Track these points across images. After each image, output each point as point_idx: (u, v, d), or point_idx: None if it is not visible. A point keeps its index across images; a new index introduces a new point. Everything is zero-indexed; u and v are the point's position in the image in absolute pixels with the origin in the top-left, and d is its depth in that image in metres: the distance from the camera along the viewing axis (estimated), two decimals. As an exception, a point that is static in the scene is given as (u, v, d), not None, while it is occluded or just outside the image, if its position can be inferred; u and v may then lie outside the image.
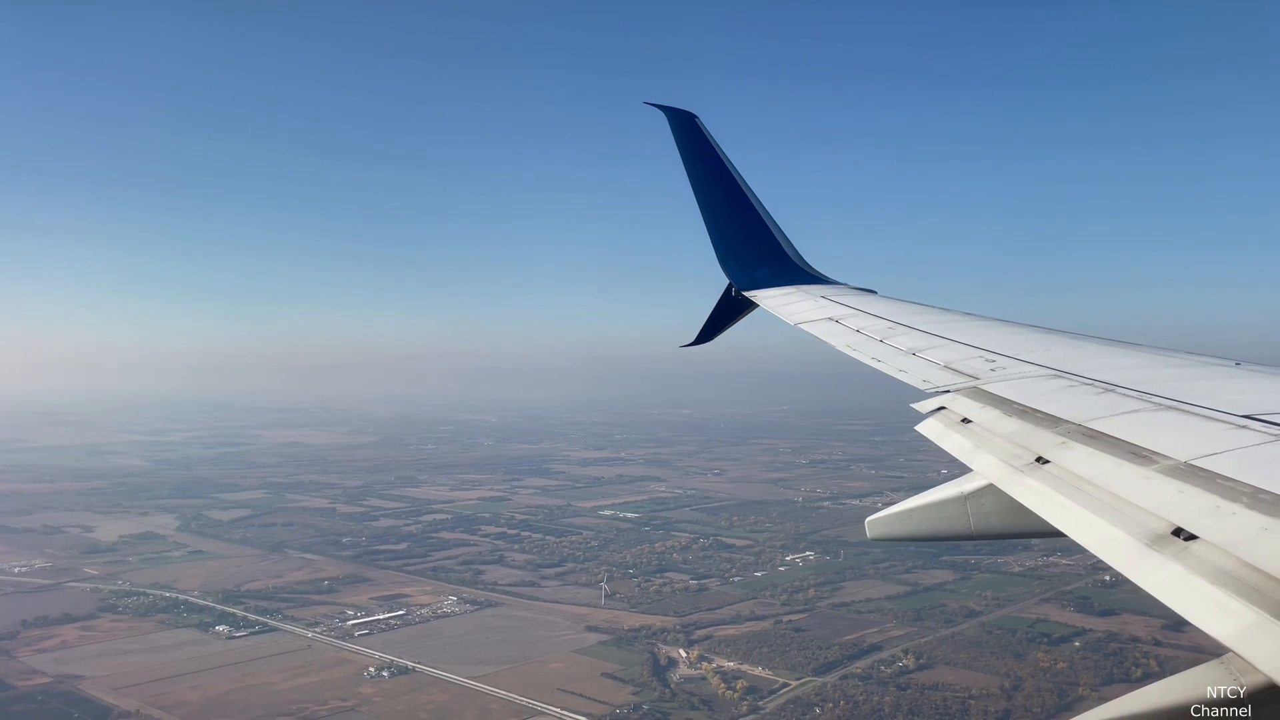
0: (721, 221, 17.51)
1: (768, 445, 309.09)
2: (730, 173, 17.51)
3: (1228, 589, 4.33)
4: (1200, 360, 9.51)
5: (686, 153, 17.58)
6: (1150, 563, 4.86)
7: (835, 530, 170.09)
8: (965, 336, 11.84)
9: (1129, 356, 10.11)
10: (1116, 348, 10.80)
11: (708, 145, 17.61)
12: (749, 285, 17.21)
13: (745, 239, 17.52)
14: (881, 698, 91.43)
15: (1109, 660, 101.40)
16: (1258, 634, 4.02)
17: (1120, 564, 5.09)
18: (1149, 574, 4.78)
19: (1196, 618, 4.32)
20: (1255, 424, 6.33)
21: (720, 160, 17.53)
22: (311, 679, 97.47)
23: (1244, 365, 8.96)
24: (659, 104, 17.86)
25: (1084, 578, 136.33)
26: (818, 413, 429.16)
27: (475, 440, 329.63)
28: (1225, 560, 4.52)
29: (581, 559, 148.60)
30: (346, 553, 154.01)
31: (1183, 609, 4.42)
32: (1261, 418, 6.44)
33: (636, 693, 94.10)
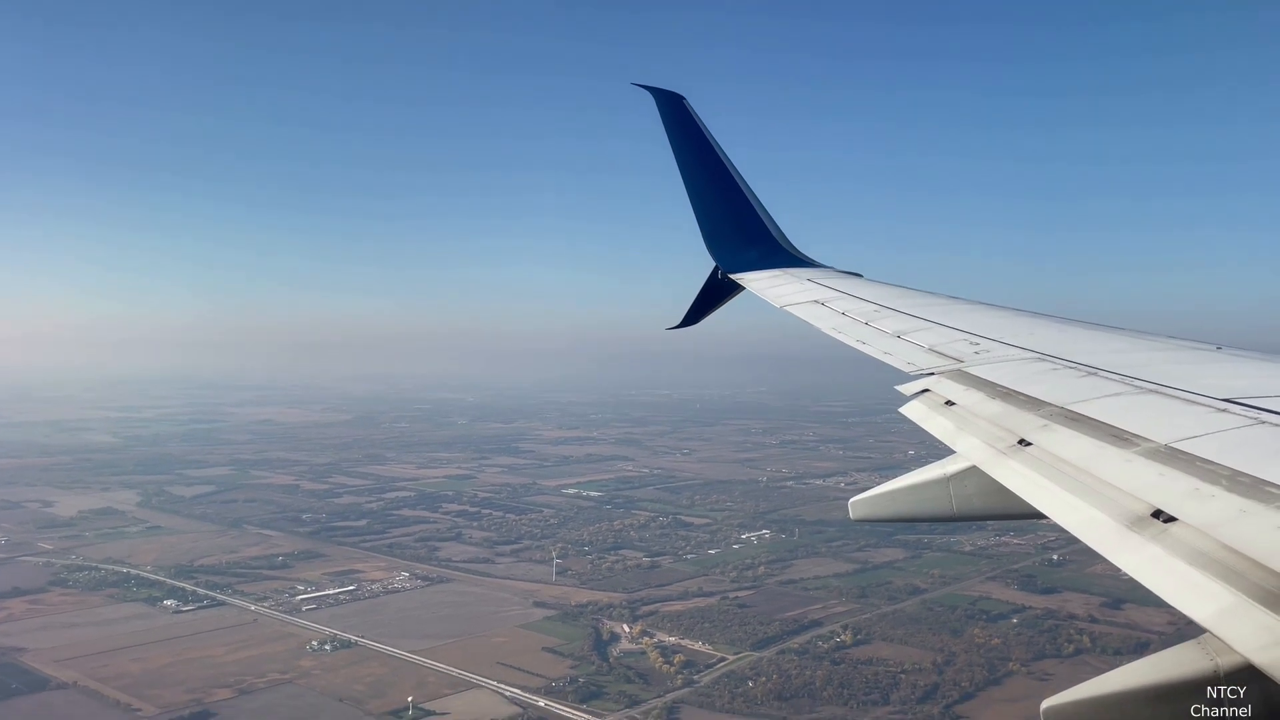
0: (708, 204, 17.47)
1: (741, 426, 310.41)
2: (718, 155, 17.46)
3: (1206, 571, 4.37)
4: (1182, 344, 9.60)
5: (674, 134, 17.45)
6: (1130, 544, 4.89)
7: (794, 509, 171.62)
8: (950, 320, 11.94)
9: (1112, 340, 10.25)
10: (1100, 331, 10.96)
11: (695, 127, 17.49)
12: (735, 268, 17.20)
13: (732, 222, 17.49)
14: (814, 672, 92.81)
15: (1043, 637, 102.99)
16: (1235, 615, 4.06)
17: (1100, 545, 5.12)
18: (1128, 555, 4.82)
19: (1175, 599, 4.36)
20: (1235, 407, 6.36)
21: (708, 142, 17.47)
22: (253, 652, 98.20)
23: (1225, 349, 9.02)
24: (646, 85, 17.65)
25: (1032, 557, 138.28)
26: (796, 394, 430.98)
27: (449, 419, 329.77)
28: (1204, 542, 4.55)
29: (539, 536, 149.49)
30: (305, 529, 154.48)
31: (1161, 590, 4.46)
32: (1241, 401, 6.47)
33: (575, 666, 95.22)
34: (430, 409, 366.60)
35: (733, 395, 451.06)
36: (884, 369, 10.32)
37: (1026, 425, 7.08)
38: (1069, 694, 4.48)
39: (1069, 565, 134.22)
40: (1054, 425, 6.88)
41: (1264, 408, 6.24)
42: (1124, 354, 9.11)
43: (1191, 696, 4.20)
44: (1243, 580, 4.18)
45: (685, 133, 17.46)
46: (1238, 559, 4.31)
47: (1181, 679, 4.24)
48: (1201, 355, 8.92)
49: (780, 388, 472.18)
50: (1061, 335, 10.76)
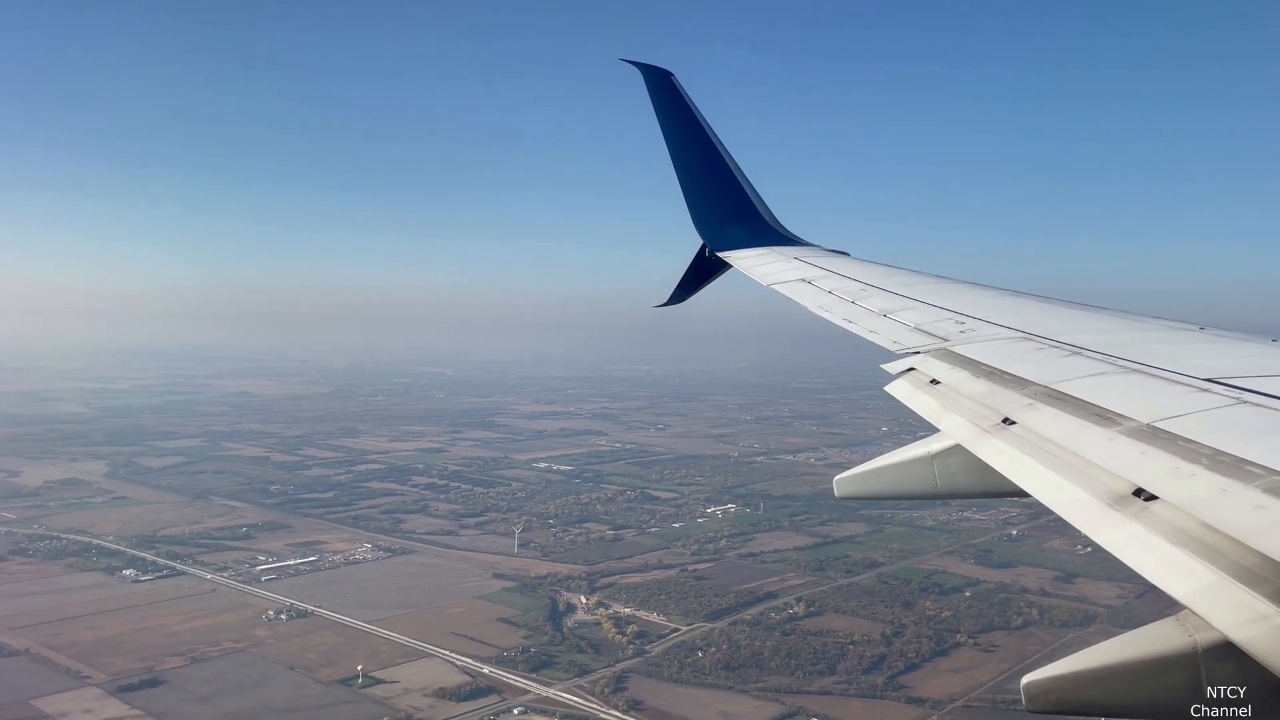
0: (696, 182, 17.34)
1: (718, 402, 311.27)
2: (706, 132, 17.30)
3: (1186, 549, 4.42)
4: (1165, 324, 9.68)
5: (662, 111, 17.27)
6: (1111, 522, 4.94)
7: (762, 484, 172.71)
8: (936, 299, 11.94)
9: (1096, 320, 10.30)
10: (1084, 311, 11.03)
11: (683, 104, 17.30)
12: (723, 246, 17.11)
13: (719, 200, 17.37)
14: (764, 643, 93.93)
15: (993, 610, 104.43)
16: (1214, 593, 4.12)
17: (1082, 523, 5.14)
18: (1110, 533, 4.86)
19: (1155, 576, 4.41)
20: (1217, 387, 6.39)
21: (695, 119, 17.29)
22: (208, 621, 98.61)
23: (1208, 330, 9.07)
24: (635, 61, 17.42)
25: (992, 532, 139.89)
26: (777, 372, 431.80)
27: (427, 393, 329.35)
28: (1184, 520, 4.60)
29: (505, 509, 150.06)
30: (271, 500, 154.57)
31: (1141, 568, 4.50)
32: (1223, 381, 6.49)
33: (528, 637, 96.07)
34: (409, 382, 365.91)
35: (714, 372, 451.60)
36: (870, 347, 10.38)
37: (1011, 404, 7.14)
38: (1048, 670, 4.51)
39: (1027, 540, 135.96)
40: (1038, 404, 6.92)
41: (1245, 387, 6.26)
42: (1108, 333, 9.19)
43: (1170, 673, 4.23)
44: (1222, 558, 4.25)
45: (673, 110, 17.30)
46: (1217, 537, 4.35)
47: (1160, 655, 4.26)
48: (1184, 335, 8.97)
49: (763, 365, 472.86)
50: (1046, 315, 10.85)
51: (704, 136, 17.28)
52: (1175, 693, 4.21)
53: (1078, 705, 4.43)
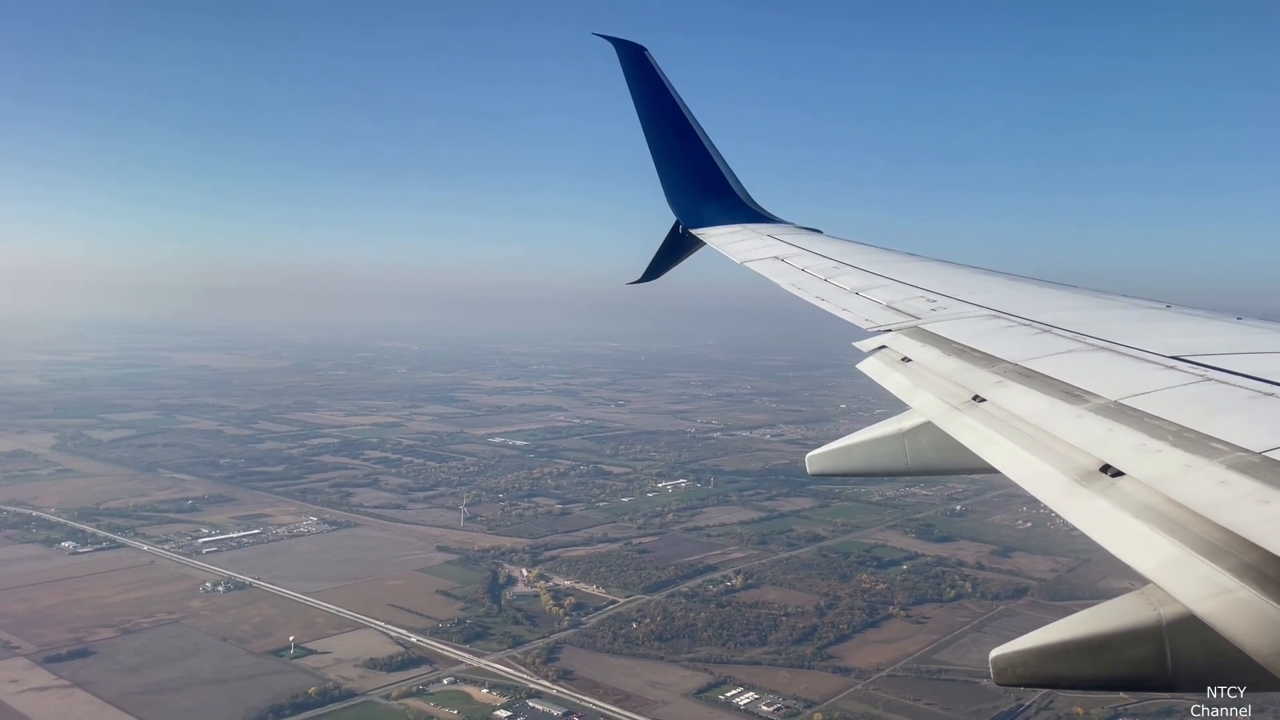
0: (669, 158, 17.20)
1: (681, 379, 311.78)
2: (679, 108, 17.07)
3: (1151, 524, 4.47)
4: (1133, 303, 9.78)
5: (635, 87, 17.04)
6: (1079, 498, 5.00)
7: (716, 460, 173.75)
8: (908, 277, 12.03)
9: (1065, 298, 10.42)
10: (1054, 289, 11.15)
11: (657, 79, 17.05)
12: (696, 223, 17.06)
13: (693, 176, 17.26)
14: (698, 614, 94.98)
15: (928, 582, 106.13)
16: (1178, 567, 4.18)
17: (1050, 499, 5.19)
18: (1077, 509, 4.90)
19: (1121, 551, 4.44)
20: (1182, 364, 6.47)
21: (669, 95, 17.05)
22: (144, 593, 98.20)
23: (1174, 308, 9.19)
24: (608, 35, 17.24)
25: (936, 507, 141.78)
26: (745, 349, 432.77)
27: (390, 368, 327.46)
28: (1150, 496, 4.65)
29: (455, 484, 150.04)
30: (220, 474, 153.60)
31: (1108, 543, 4.53)
32: (1188, 358, 6.58)
33: (465, 608, 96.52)
34: (371, 357, 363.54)
35: (681, 349, 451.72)
36: (843, 325, 10.45)
37: (981, 382, 7.19)
38: (1015, 644, 4.58)
39: (970, 515, 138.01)
40: (1007, 382, 7.00)
41: (1210, 365, 6.34)
42: (1076, 311, 9.32)
43: (1134, 646, 4.29)
44: (1186, 533, 4.30)
45: (647, 85, 17.06)
46: (1182, 512, 4.40)
47: (1125, 629, 4.33)
48: (1151, 313, 9.09)
49: (731, 342, 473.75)
50: (1016, 293, 10.95)
51: (678, 112, 17.11)
52: (1139, 666, 4.29)
53: (1044, 678, 4.52)
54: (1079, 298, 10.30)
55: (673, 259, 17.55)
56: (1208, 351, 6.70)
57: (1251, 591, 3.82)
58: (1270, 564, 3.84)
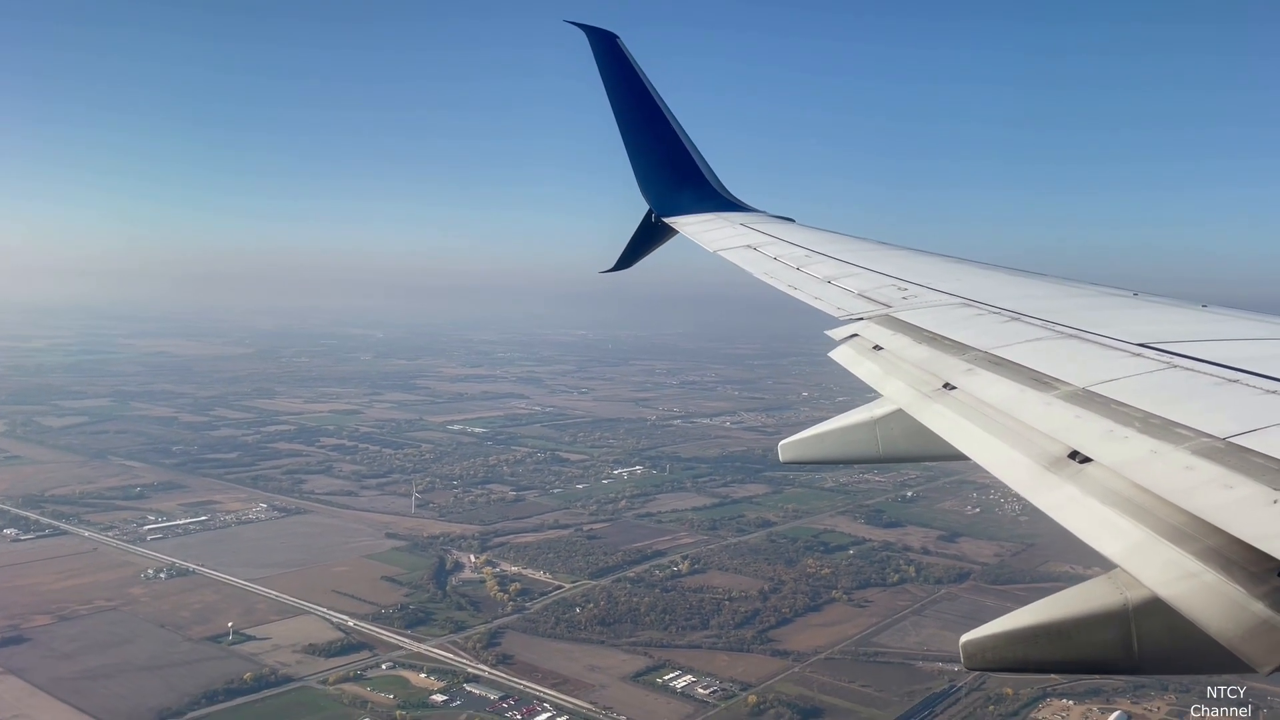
0: (642, 146, 17.10)
1: (646, 367, 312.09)
2: (651, 96, 16.96)
3: (1118, 509, 4.52)
4: (1101, 290, 9.88)
5: (607, 75, 16.91)
6: (1047, 484, 5.04)
7: (674, 447, 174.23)
8: (879, 265, 12.05)
9: (1035, 286, 10.48)
10: (1023, 277, 11.20)
11: (629, 67, 16.92)
12: (669, 211, 16.95)
13: (665, 164, 17.19)
14: (642, 599, 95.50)
15: (873, 567, 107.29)
16: (1143, 551, 4.22)
17: (1019, 486, 5.22)
18: (1045, 495, 4.95)
19: (1088, 536, 4.47)
20: (1149, 352, 6.54)
21: (642, 83, 16.93)
22: (84, 580, 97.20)
23: (1141, 295, 9.27)
24: (579, 22, 17.02)
25: (888, 493, 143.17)
26: (713, 337, 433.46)
27: (353, 355, 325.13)
28: (1117, 482, 4.69)
29: (410, 470, 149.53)
30: (171, 460, 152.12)
31: (1075, 528, 4.57)
32: (1155, 346, 6.64)
33: (409, 594, 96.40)
34: (336, 344, 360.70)
35: (649, 337, 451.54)
36: (815, 313, 10.48)
37: (951, 369, 7.24)
38: (985, 629, 4.61)
39: (920, 501, 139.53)
40: (978, 369, 7.05)
41: (1176, 352, 6.41)
42: (1045, 300, 9.40)
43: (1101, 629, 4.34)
44: (1152, 518, 4.35)
45: (618, 73, 16.94)
46: (1148, 498, 4.45)
47: (1092, 613, 4.36)
48: (1119, 301, 9.20)
49: (700, 331, 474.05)
50: (986, 281, 11.03)
51: (650, 100, 17.03)
52: (1106, 649, 4.34)
53: (1013, 662, 4.57)
54: (1048, 286, 10.43)
55: (645, 247, 17.54)
56: (1174, 339, 6.78)
57: (1216, 575, 3.85)
58: (1234, 548, 3.87)
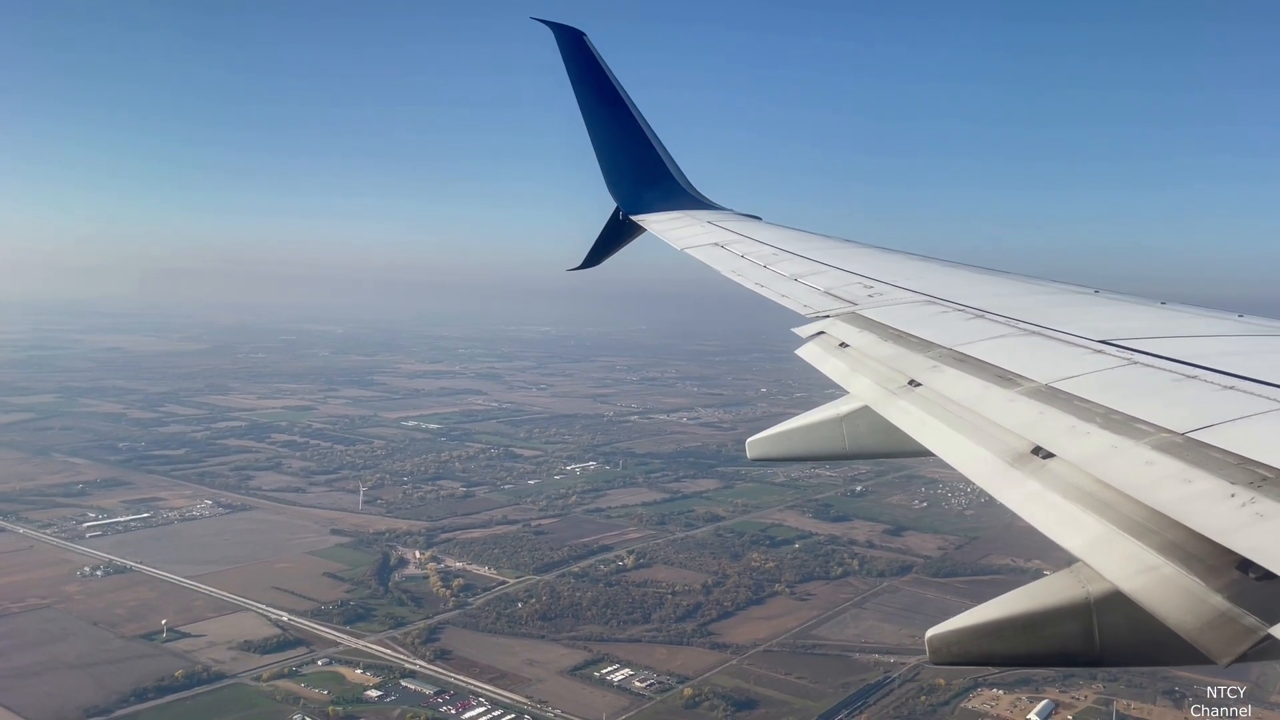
0: (609, 144, 17.11)
1: (607, 363, 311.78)
2: (619, 94, 16.98)
3: (1080, 503, 4.55)
4: (1063, 288, 9.96)
5: (574, 72, 16.86)
6: (1011, 479, 5.07)
7: (629, 442, 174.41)
8: (845, 263, 12.07)
9: (998, 284, 10.55)
10: (987, 275, 11.25)
11: (596, 65, 16.90)
12: (636, 209, 16.95)
13: (632, 162, 17.22)
14: (585, 593, 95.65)
15: (817, 561, 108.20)
16: (1105, 545, 4.23)
17: (984, 481, 5.25)
18: (1009, 490, 4.98)
19: (1051, 530, 4.48)
20: (1110, 348, 6.60)
21: (609, 81, 16.95)
22: (18, 578, 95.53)
23: (1102, 293, 9.36)
24: (546, 20, 16.94)
25: (838, 488, 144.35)
26: (676, 334, 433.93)
27: (311, 350, 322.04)
28: (1079, 477, 4.72)
29: (360, 467, 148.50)
30: (116, 457, 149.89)
31: (1038, 523, 4.58)
32: (1116, 342, 6.71)
33: (350, 591, 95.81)
34: (294, 340, 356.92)
35: (613, 333, 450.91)
36: (782, 311, 10.53)
37: (917, 366, 7.27)
38: (951, 623, 4.68)
39: (869, 496, 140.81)
40: (943, 366, 7.07)
41: (1136, 348, 6.49)
42: (1009, 297, 9.47)
43: (1064, 622, 4.42)
44: (1113, 512, 4.38)
45: (586, 70, 16.91)
46: (1109, 492, 4.48)
47: (1055, 606, 4.45)
48: (1080, 298, 9.28)
49: (665, 328, 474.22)
50: (951, 279, 11.12)
51: (617, 98, 17.04)
52: (1069, 641, 4.43)
53: (977, 656, 4.67)
54: (1011, 283, 10.54)
55: (613, 245, 17.57)
56: (1134, 336, 6.87)
57: (1175, 568, 3.90)
58: (1193, 542, 3.92)
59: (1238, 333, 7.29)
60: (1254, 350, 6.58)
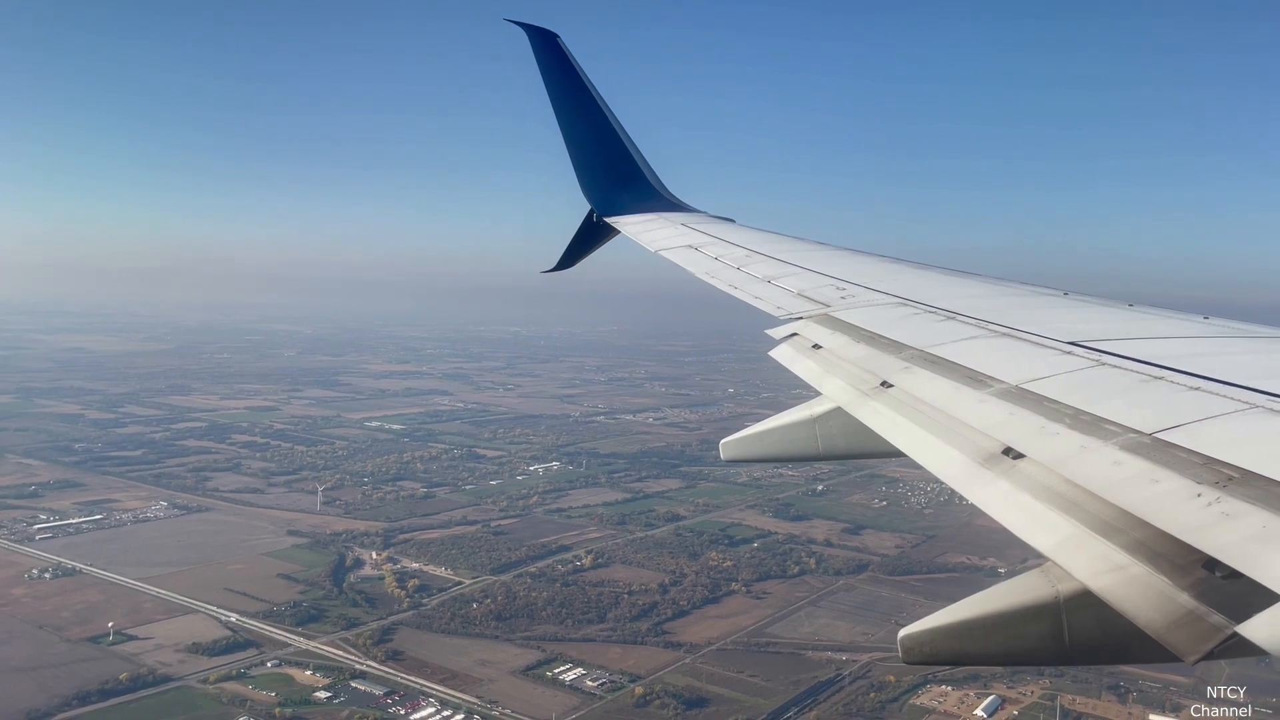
0: (583, 146, 17.07)
1: (576, 363, 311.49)
2: (592, 96, 16.96)
3: (1050, 504, 4.54)
4: (1033, 290, 10.00)
5: (548, 74, 16.85)
6: (981, 480, 5.07)
7: (594, 443, 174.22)
8: (818, 265, 12.09)
9: (969, 286, 10.57)
10: (958, 277, 11.28)
11: (570, 67, 16.90)
12: (610, 211, 16.95)
13: (607, 164, 17.22)
14: (540, 593, 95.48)
15: (775, 559, 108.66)
16: (1074, 545, 4.21)
17: (955, 482, 5.24)
18: (980, 490, 4.97)
19: (1021, 530, 4.47)
20: (1079, 350, 6.63)
21: (582, 83, 16.92)
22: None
23: (1071, 295, 9.39)
24: (519, 21, 16.90)
25: (799, 488, 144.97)
26: (648, 334, 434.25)
27: (278, 350, 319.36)
28: (1048, 477, 4.73)
29: (320, 468, 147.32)
30: (72, 458, 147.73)
31: (1009, 523, 4.57)
32: (1085, 344, 6.73)
33: (304, 592, 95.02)
34: (261, 340, 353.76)
35: (584, 334, 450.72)
36: (755, 313, 10.55)
37: (888, 368, 7.29)
38: (922, 623, 4.65)
39: (830, 495, 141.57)
40: (914, 367, 7.10)
41: (1104, 350, 6.53)
42: (979, 299, 9.50)
43: (1034, 621, 4.40)
44: (1082, 512, 4.38)
45: (559, 72, 16.90)
46: (1078, 492, 4.51)
47: (1025, 605, 4.43)
48: (1050, 300, 9.34)
49: (636, 328, 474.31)
50: (922, 280, 11.19)
51: (591, 100, 17.03)
52: (1039, 640, 4.43)
53: (949, 655, 4.67)
54: (981, 285, 10.62)
55: (587, 247, 17.57)
56: (1102, 337, 6.95)
57: (1143, 567, 3.93)
58: (1160, 541, 3.96)
59: (1204, 334, 7.40)
60: (1219, 351, 6.67)
